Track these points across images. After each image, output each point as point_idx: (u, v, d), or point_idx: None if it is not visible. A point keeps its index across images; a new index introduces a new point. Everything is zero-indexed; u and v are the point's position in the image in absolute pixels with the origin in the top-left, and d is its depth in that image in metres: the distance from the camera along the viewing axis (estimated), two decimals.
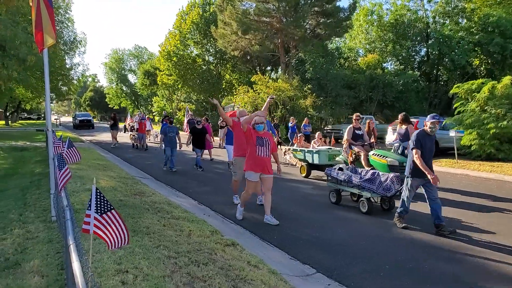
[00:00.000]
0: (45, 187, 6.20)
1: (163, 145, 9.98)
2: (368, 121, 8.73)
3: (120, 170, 9.26)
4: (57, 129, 25.74)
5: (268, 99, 6.23)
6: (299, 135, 10.44)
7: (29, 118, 56.13)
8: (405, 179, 4.92)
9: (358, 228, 5.06)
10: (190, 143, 10.41)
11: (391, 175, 5.48)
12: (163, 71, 30.68)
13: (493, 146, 10.72)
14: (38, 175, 7.78)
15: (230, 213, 5.75)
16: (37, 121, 49.79)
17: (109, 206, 1.69)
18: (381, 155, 7.06)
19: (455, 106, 11.99)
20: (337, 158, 8.33)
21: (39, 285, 2.80)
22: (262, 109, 6.12)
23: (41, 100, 28.83)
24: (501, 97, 10.73)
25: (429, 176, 4.58)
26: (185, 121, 17.91)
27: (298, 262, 3.92)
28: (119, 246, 1.80)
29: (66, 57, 24.26)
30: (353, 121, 8.08)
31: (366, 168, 6.75)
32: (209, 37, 27.40)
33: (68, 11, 22.38)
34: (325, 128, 20.27)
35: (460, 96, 11.79)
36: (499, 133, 10.45)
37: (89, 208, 1.67)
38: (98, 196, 1.66)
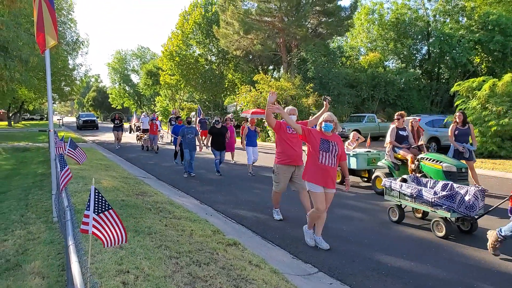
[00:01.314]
0: (47, 187, 6.23)
1: (178, 147, 9.32)
2: (411, 120, 7.52)
3: (122, 170, 9.28)
4: (59, 130, 25.85)
5: (325, 102, 4.98)
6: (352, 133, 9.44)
7: (32, 119, 56.37)
8: None
9: (361, 226, 5.04)
10: (209, 145, 9.72)
11: (472, 188, 4.52)
12: (166, 71, 30.72)
13: (495, 143, 10.71)
14: (40, 176, 7.81)
15: (232, 213, 5.74)
16: (40, 122, 50.01)
17: (107, 205, 1.68)
18: (434, 160, 6.07)
19: (456, 104, 11.96)
20: (378, 163, 7.42)
21: (40, 286, 2.80)
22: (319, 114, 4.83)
23: (44, 100, 28.92)
24: (502, 94, 10.74)
25: None
26: (197, 121, 17.76)
27: (300, 261, 3.91)
28: (115, 244, 1.80)
29: (69, 58, 24.34)
30: (395, 120, 6.98)
31: (416, 174, 6.04)
32: (211, 37, 27.42)
33: (71, 12, 22.47)
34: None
35: (461, 94, 11.78)
36: (500, 130, 10.45)
37: (87, 208, 1.66)
38: (97, 196, 1.66)
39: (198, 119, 17.49)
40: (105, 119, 62.55)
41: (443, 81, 25.39)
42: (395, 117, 7.01)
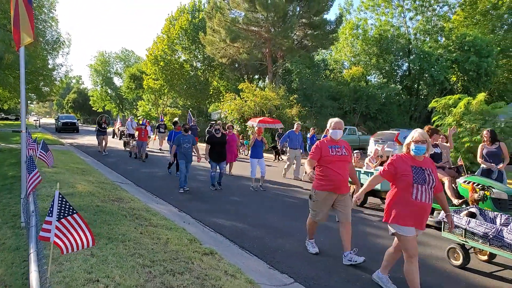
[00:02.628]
0: (17, 191, 5.96)
1: (173, 158, 8.20)
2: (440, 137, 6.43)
3: (99, 175, 9.01)
4: (36, 131, 24.94)
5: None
6: (355, 152, 7.86)
7: (7, 119, 54.27)
8: None
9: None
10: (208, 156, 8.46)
11: None
12: (150, 75, 30.41)
13: (468, 159, 11.08)
14: (11, 178, 7.47)
15: (210, 221, 5.66)
16: (15, 122, 48.20)
17: (71, 210, 1.60)
18: (479, 184, 5.19)
19: (433, 119, 12.34)
20: None
21: None
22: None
23: (19, 100, 27.93)
24: (476, 112, 11.15)
25: None
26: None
27: (277, 271, 3.88)
28: (79, 248, 1.71)
29: (49, 57, 23.66)
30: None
31: (454, 200, 5.22)
32: (197, 43, 27.42)
33: (52, 10, 21.91)
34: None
35: (438, 110, 12.15)
36: (473, 147, 10.82)
37: (49, 214, 1.58)
38: (60, 202, 1.58)
39: (187, 127, 16.89)
40: (86, 121, 61.16)
41: (422, 97, 26.26)
42: (425, 129, 5.87)
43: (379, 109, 23.29)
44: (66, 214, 1.55)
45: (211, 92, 30.63)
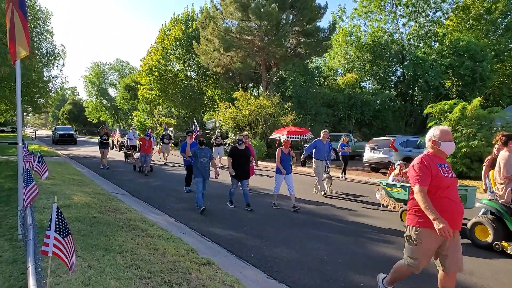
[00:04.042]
0: (14, 203, 5.93)
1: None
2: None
3: (95, 186, 8.98)
4: (32, 143, 24.81)
5: None
6: (398, 163, 6.92)
7: (3, 131, 54.07)
8: None
9: (336, 245, 5.08)
10: (232, 172, 7.49)
11: None
12: (144, 85, 30.44)
13: (465, 164, 11.12)
14: (8, 191, 7.42)
15: (207, 231, 5.65)
16: (11, 134, 47.95)
17: (67, 229, 1.62)
18: None
19: (429, 125, 12.41)
20: (477, 204, 5.43)
21: None
22: None
23: (15, 112, 27.84)
24: (471, 117, 11.21)
25: None
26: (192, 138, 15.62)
27: (275, 281, 3.88)
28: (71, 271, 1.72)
29: (44, 69, 23.68)
30: (509, 144, 4.80)
31: None
32: (191, 53, 27.55)
33: (47, 23, 22.02)
34: (305, 144, 20.53)
35: (433, 116, 12.22)
36: (470, 152, 10.87)
37: (49, 228, 1.59)
38: (58, 216, 1.59)
39: (194, 135, 15.99)
40: (81, 132, 61.04)
41: (417, 103, 26.46)
42: (501, 138, 4.85)
43: (374, 116, 23.42)
44: (67, 233, 1.56)
45: (205, 101, 30.69)
